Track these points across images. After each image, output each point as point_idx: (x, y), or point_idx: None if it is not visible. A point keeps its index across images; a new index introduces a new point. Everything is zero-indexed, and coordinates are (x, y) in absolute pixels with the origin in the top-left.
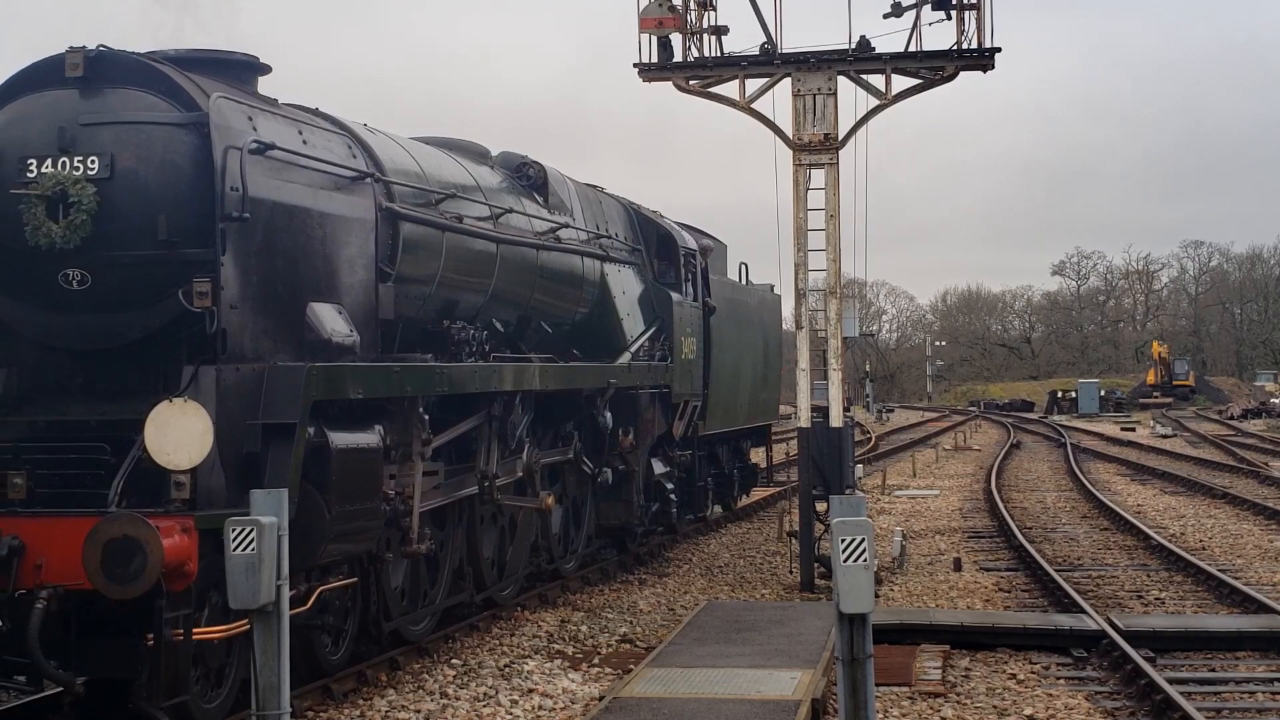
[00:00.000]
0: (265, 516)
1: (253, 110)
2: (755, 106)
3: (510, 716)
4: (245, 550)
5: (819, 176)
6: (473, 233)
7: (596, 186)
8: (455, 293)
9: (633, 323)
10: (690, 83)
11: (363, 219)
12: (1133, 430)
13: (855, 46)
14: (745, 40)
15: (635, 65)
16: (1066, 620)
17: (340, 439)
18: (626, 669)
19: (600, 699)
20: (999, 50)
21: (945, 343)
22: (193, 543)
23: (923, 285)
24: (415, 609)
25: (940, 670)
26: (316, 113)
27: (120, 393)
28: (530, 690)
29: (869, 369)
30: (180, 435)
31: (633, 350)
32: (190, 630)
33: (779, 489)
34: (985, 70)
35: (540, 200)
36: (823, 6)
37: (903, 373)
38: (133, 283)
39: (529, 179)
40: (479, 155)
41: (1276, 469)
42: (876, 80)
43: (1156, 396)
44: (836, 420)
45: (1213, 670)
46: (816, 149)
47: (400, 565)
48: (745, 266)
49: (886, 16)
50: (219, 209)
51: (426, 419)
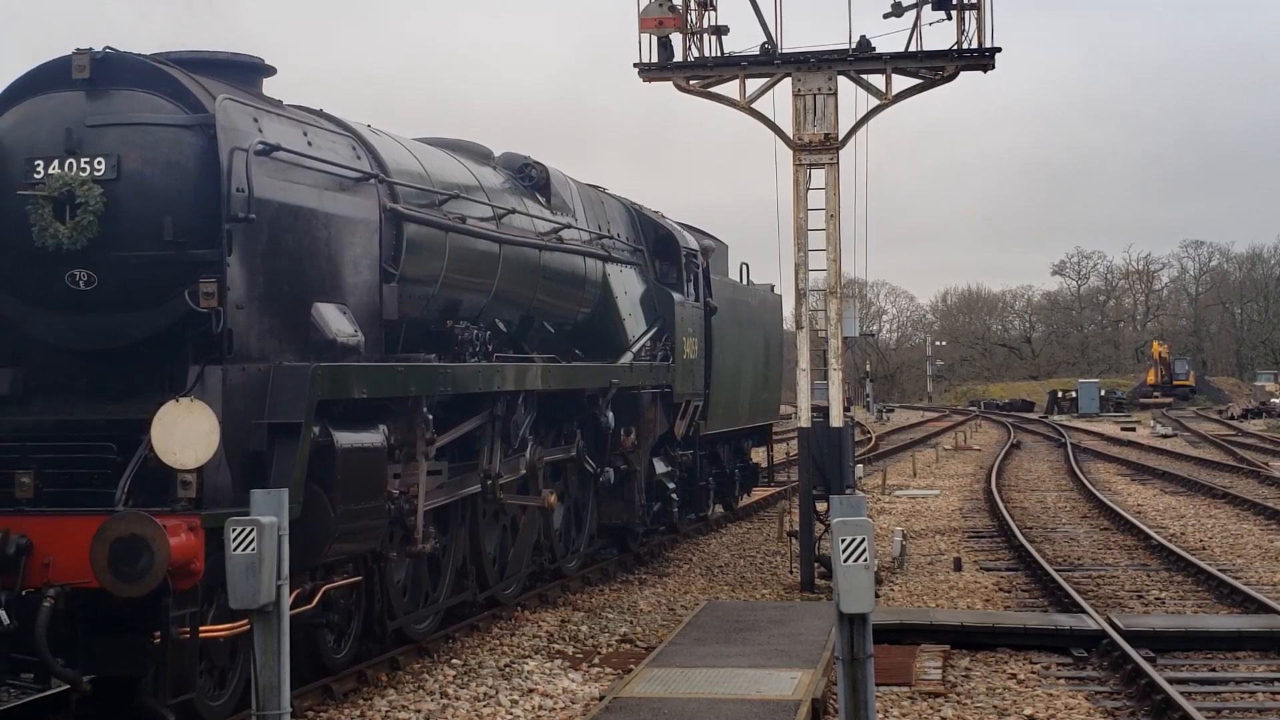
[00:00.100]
0: (265, 516)
1: (258, 112)
2: (755, 106)
3: (510, 716)
4: (245, 550)
5: (819, 176)
6: (476, 233)
7: (598, 187)
8: (458, 293)
9: (635, 323)
10: (690, 83)
11: (367, 220)
12: (1133, 430)
13: (855, 46)
14: (745, 40)
15: (635, 65)
16: (1067, 620)
17: (345, 438)
18: (626, 669)
19: (600, 699)
20: (999, 50)
21: (945, 343)
22: (199, 541)
23: (923, 285)
24: (418, 607)
25: (940, 670)
26: (321, 114)
27: (127, 392)
28: (530, 690)
29: (869, 369)
30: (187, 435)
31: (635, 350)
32: (196, 628)
33: (779, 489)
34: (985, 70)
35: (543, 201)
36: (823, 6)
37: (903, 373)
38: (139, 283)
39: (531, 180)
40: (482, 156)
41: (1276, 469)
42: (876, 80)
43: (1157, 396)
44: (837, 420)
45: (1213, 670)
46: (816, 149)
47: (404, 564)
48: (746, 266)
49: (886, 16)
50: (225, 210)
51: (430, 418)
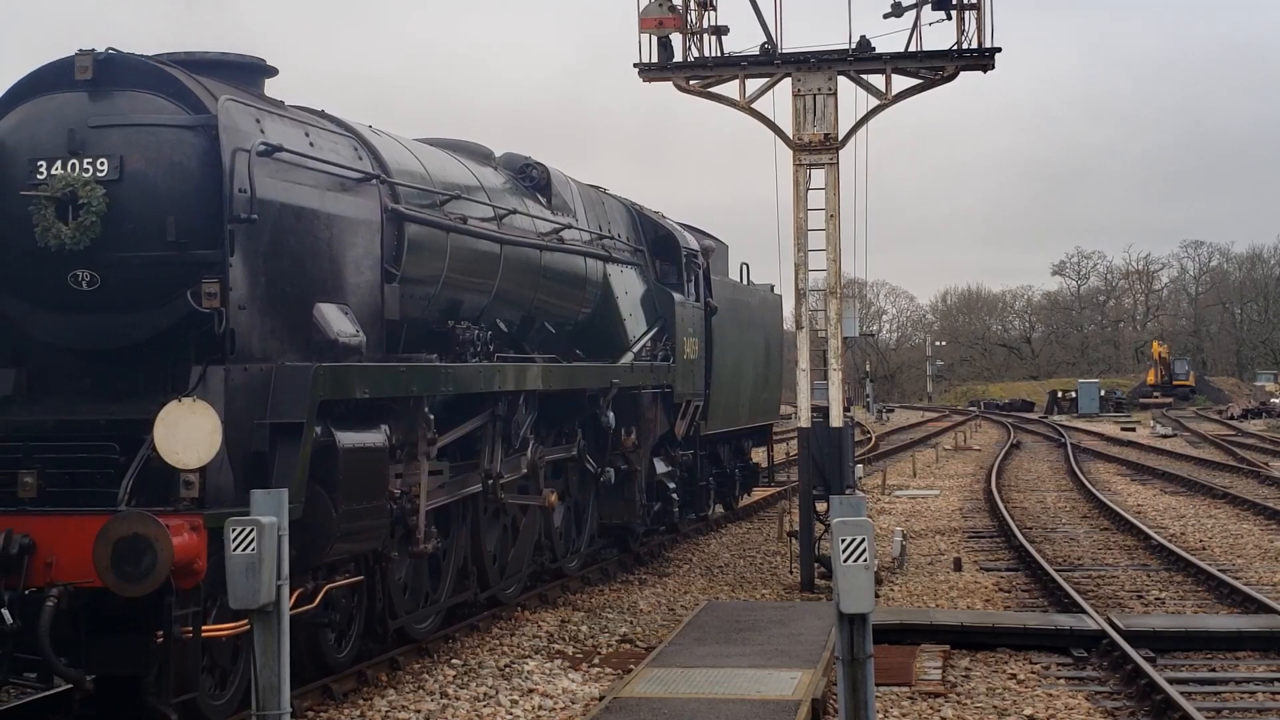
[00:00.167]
0: (265, 516)
1: (260, 112)
2: (755, 106)
3: (510, 716)
4: (245, 550)
5: (819, 176)
6: (477, 234)
7: (599, 187)
8: (459, 293)
9: (635, 323)
10: (690, 83)
11: (368, 220)
12: (1133, 430)
13: (855, 46)
14: (745, 40)
15: (635, 65)
16: (1066, 620)
17: (347, 438)
18: (626, 669)
19: (600, 699)
20: (999, 50)
21: (945, 343)
22: (202, 541)
23: (923, 285)
24: (420, 607)
25: (940, 670)
26: (322, 115)
27: (129, 392)
28: (530, 690)
29: (869, 369)
30: (189, 435)
31: (635, 350)
32: (199, 628)
33: (779, 489)
34: (985, 70)
35: (544, 201)
36: (823, 6)
37: (903, 373)
38: (142, 283)
39: (532, 180)
40: (483, 156)
41: (1276, 469)
42: (876, 80)
43: (1156, 396)
44: (836, 420)
45: (1213, 670)
46: (816, 149)
47: (405, 563)
48: (746, 267)
49: (886, 16)
50: (227, 210)
51: (432, 418)
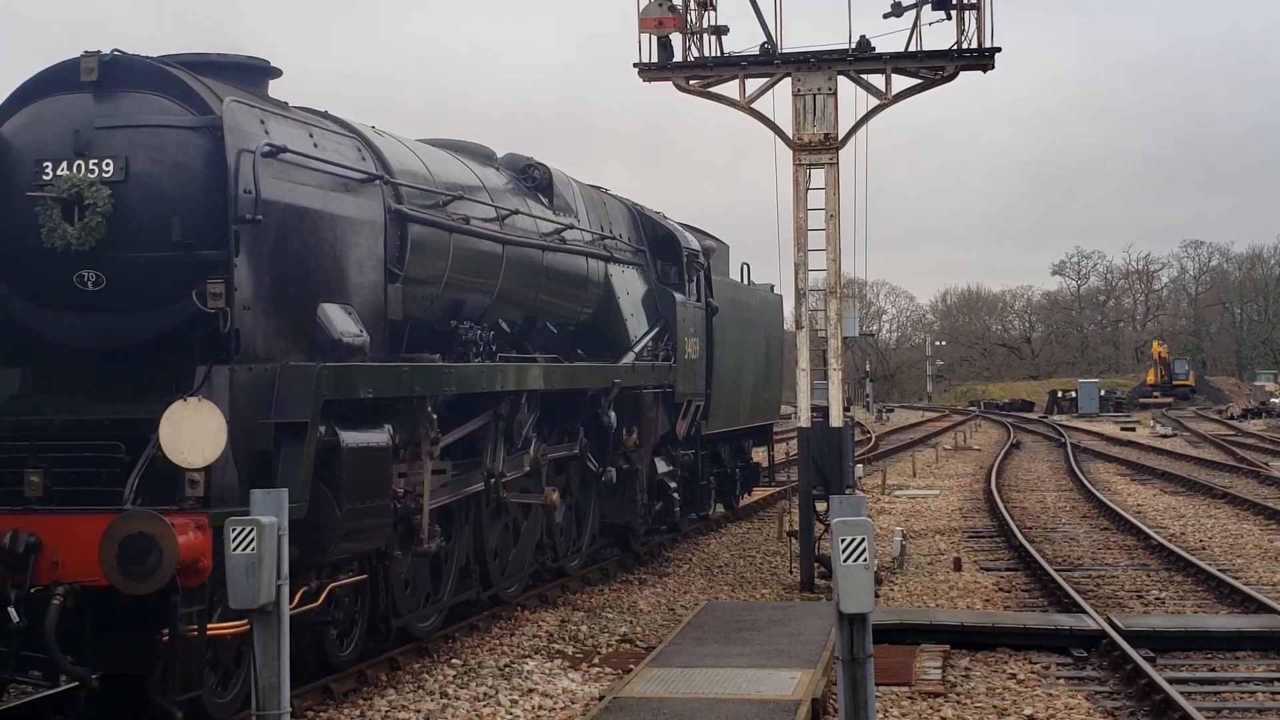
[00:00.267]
0: (265, 516)
1: (265, 113)
2: (755, 106)
3: (510, 716)
4: (245, 550)
5: (819, 176)
6: (479, 234)
7: (600, 188)
8: (462, 293)
9: (637, 323)
10: (690, 83)
11: (372, 220)
12: (1133, 430)
13: (855, 46)
14: (745, 40)
15: (635, 65)
16: (1066, 620)
17: (351, 438)
18: (626, 669)
19: (600, 699)
20: (999, 50)
21: (945, 343)
22: (207, 539)
23: (923, 285)
24: (422, 605)
25: (940, 670)
26: (326, 115)
27: (135, 392)
28: (530, 690)
29: (869, 369)
30: (194, 434)
31: (637, 350)
32: (204, 626)
33: (780, 488)
34: (985, 70)
35: (545, 202)
36: (823, 6)
37: (903, 373)
38: (147, 284)
39: (534, 180)
40: (485, 157)
41: (1276, 469)
42: (876, 80)
43: (1156, 396)
44: (836, 420)
45: (1213, 670)
46: (816, 149)
47: (408, 562)
48: (746, 267)
49: (886, 16)
50: (232, 211)
51: (435, 418)
